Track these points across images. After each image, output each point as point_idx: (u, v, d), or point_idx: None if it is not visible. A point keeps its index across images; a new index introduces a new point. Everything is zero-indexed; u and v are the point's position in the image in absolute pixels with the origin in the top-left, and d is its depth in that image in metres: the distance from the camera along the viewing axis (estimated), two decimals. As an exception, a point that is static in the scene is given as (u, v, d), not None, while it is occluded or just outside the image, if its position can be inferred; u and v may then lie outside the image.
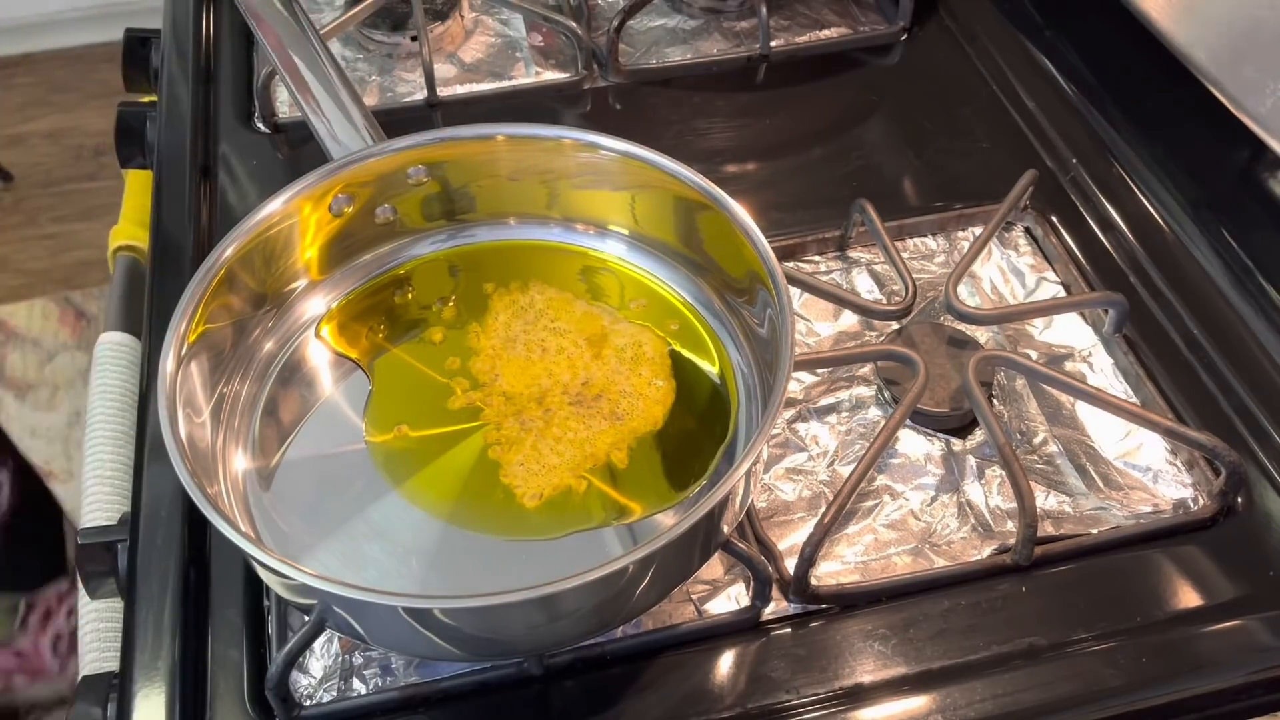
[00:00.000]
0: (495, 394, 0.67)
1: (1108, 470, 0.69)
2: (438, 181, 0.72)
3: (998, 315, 0.75)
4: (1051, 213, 0.83)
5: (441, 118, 0.91)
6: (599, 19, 0.99)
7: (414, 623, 0.54)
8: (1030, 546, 0.64)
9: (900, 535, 0.66)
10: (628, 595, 0.55)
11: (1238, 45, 0.76)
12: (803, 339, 0.76)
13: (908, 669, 0.61)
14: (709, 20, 1.00)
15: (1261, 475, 0.69)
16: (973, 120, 0.92)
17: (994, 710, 0.59)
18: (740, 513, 0.59)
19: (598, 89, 0.95)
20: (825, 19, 1.01)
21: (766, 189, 0.87)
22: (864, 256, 0.81)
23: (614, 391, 0.67)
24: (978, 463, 0.69)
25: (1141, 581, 0.64)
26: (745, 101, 0.94)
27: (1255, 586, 0.64)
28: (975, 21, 1.00)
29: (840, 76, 0.97)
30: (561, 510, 0.62)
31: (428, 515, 0.62)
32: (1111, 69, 0.92)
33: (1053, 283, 0.80)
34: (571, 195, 0.73)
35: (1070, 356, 0.75)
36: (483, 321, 0.70)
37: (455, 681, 0.60)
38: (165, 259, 0.81)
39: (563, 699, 0.60)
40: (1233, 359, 0.74)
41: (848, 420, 0.72)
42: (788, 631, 0.62)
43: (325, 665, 0.61)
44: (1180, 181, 0.84)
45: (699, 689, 0.60)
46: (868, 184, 0.85)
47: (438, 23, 0.97)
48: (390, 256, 0.73)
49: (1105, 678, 0.60)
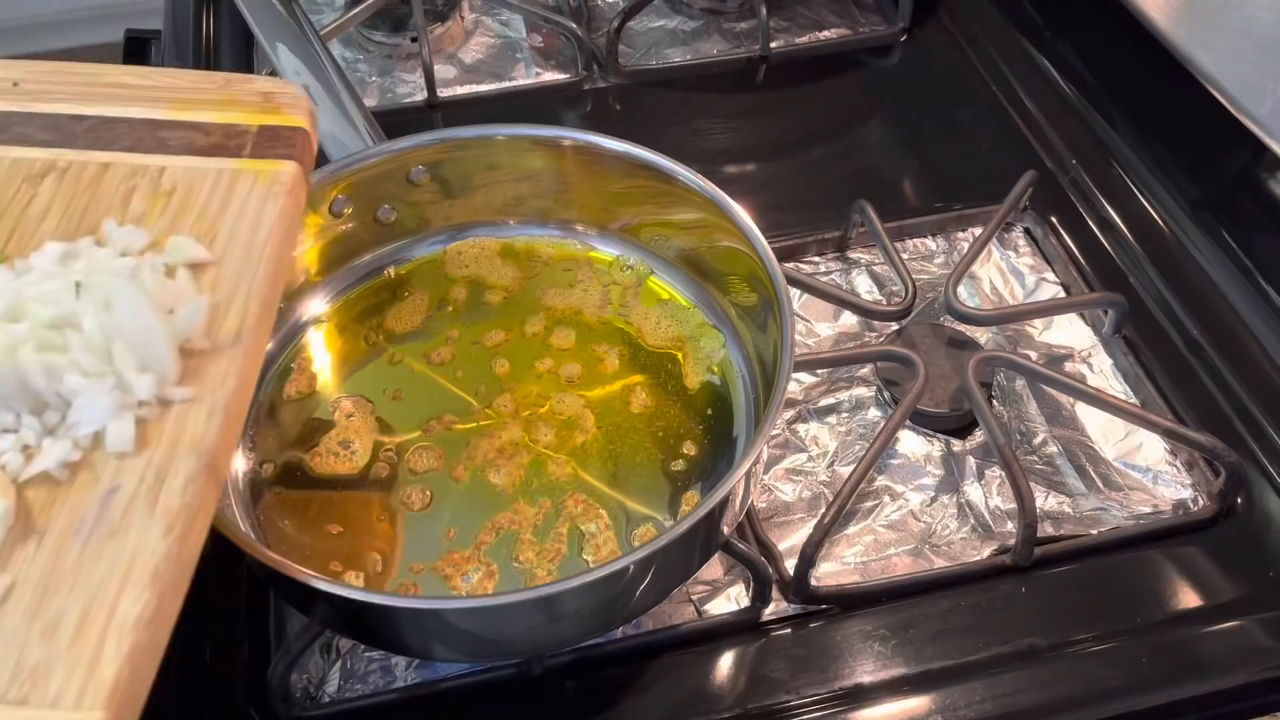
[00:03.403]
0: (495, 394, 0.67)
1: (1107, 471, 0.69)
2: (438, 182, 0.71)
3: (997, 316, 0.75)
4: (1051, 213, 0.83)
5: (441, 118, 0.91)
6: (599, 20, 0.99)
7: (414, 624, 0.54)
8: (1030, 547, 0.64)
9: (900, 536, 0.66)
10: (628, 596, 0.55)
11: (1237, 46, 0.76)
12: (803, 339, 0.76)
13: (907, 669, 0.61)
14: (709, 21, 1.00)
15: (1261, 476, 0.69)
16: (972, 121, 0.92)
17: (994, 711, 0.59)
18: (740, 513, 0.59)
19: (598, 90, 0.95)
20: (825, 20, 1.01)
21: (766, 189, 0.87)
22: (864, 257, 0.81)
23: (608, 393, 0.67)
24: (977, 463, 0.69)
25: (1141, 582, 0.64)
26: (745, 102, 0.95)
27: (1255, 587, 0.64)
28: (975, 22, 1.00)
29: (840, 77, 0.97)
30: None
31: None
32: (1111, 69, 0.93)
33: (1052, 283, 0.80)
34: (571, 196, 0.73)
35: (1070, 357, 0.75)
36: (483, 323, 0.70)
37: (455, 682, 0.60)
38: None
39: (563, 700, 0.60)
40: (1233, 359, 0.74)
41: (848, 421, 0.72)
42: (788, 632, 0.62)
43: (325, 666, 0.61)
44: (1180, 181, 0.84)
45: (699, 690, 0.60)
46: (867, 185, 0.85)
47: (438, 24, 0.97)
48: (390, 257, 0.73)
49: (1105, 678, 0.60)
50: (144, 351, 0.46)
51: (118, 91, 0.57)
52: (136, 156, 0.55)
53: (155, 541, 0.42)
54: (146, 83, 0.58)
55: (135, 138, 0.56)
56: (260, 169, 0.55)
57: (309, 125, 0.57)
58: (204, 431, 0.45)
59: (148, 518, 0.43)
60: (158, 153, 0.55)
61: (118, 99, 0.57)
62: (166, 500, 0.43)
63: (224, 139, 0.56)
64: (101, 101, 0.57)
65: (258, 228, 0.52)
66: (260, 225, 0.53)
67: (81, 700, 0.39)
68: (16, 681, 0.39)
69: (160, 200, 0.53)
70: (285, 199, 0.54)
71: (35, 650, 0.40)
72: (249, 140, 0.55)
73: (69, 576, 0.42)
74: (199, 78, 0.59)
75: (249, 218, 0.53)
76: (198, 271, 0.50)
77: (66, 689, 0.39)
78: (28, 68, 0.59)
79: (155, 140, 0.56)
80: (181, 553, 0.43)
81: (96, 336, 0.46)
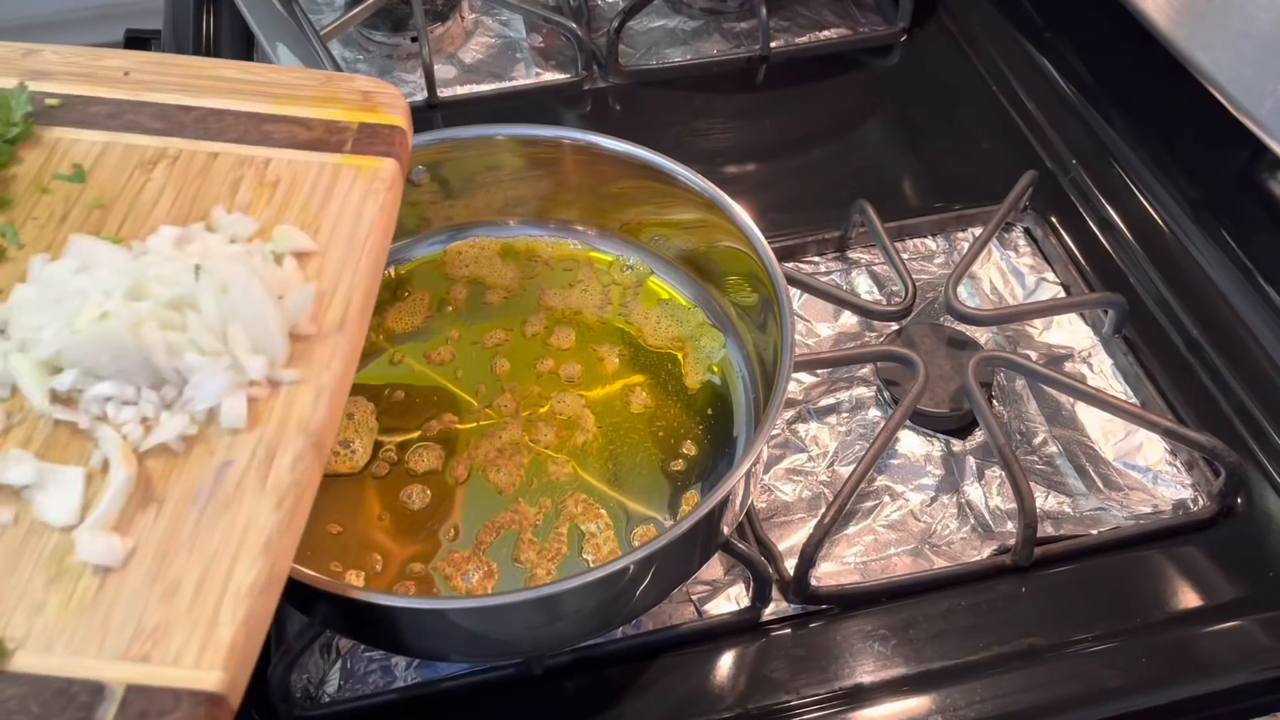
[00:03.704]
0: (495, 394, 0.67)
1: (1107, 471, 0.69)
2: (438, 182, 0.72)
3: (997, 316, 0.75)
4: (1051, 213, 0.83)
5: (442, 118, 0.91)
6: (599, 20, 0.99)
7: (414, 624, 0.54)
8: (1030, 547, 0.64)
9: (900, 536, 0.66)
10: (628, 596, 0.55)
11: (1237, 46, 0.76)
12: (803, 339, 0.76)
13: (907, 669, 0.61)
14: (709, 21, 1.00)
15: (1261, 476, 0.69)
16: (972, 121, 0.92)
17: (994, 711, 0.59)
18: (740, 513, 0.59)
19: (598, 90, 0.95)
20: (825, 20, 1.01)
21: (766, 189, 0.87)
22: (864, 257, 0.81)
23: (608, 393, 0.67)
24: (977, 463, 0.69)
25: (1141, 582, 0.64)
26: (745, 102, 0.95)
27: (1255, 587, 0.64)
28: (975, 22, 1.00)
29: (840, 77, 0.97)
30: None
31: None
32: (1111, 69, 0.93)
33: (1052, 283, 0.80)
34: (571, 196, 0.73)
35: (1070, 357, 0.75)
36: (483, 323, 0.70)
37: (455, 682, 0.60)
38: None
39: (563, 700, 0.60)
40: (1233, 359, 0.74)
41: (848, 421, 0.72)
42: (788, 632, 0.62)
43: (325, 666, 0.61)
44: (1180, 181, 0.84)
45: (699, 690, 0.60)
46: (867, 185, 0.86)
47: (438, 24, 0.97)
48: (390, 257, 0.73)
49: (1105, 678, 0.60)
50: (257, 334, 0.48)
51: (222, 84, 0.60)
52: (243, 148, 0.57)
53: (267, 514, 0.45)
54: (249, 77, 0.60)
55: (241, 129, 0.58)
56: (361, 164, 0.57)
57: (406, 125, 0.59)
58: (311, 413, 0.48)
59: (259, 491, 0.45)
60: (263, 145, 0.57)
61: (222, 92, 0.59)
62: (276, 476, 0.46)
63: (325, 134, 0.58)
64: (207, 94, 0.59)
65: (359, 221, 0.55)
66: (362, 219, 0.55)
67: (200, 660, 0.41)
68: (138, 640, 0.42)
69: (266, 190, 0.56)
70: (385, 194, 0.56)
71: (156, 612, 0.42)
72: (349, 137, 0.58)
73: (186, 543, 0.44)
74: (300, 74, 0.62)
75: (350, 211, 0.55)
76: (302, 260, 0.53)
77: (186, 649, 0.42)
78: (136, 58, 0.61)
79: (260, 133, 0.58)
80: (291, 526, 0.45)
81: (214, 317, 0.48)
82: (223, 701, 0.41)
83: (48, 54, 0.61)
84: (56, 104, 0.58)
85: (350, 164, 0.57)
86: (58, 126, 0.58)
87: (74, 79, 0.60)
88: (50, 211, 0.55)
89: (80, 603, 0.43)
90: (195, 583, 0.43)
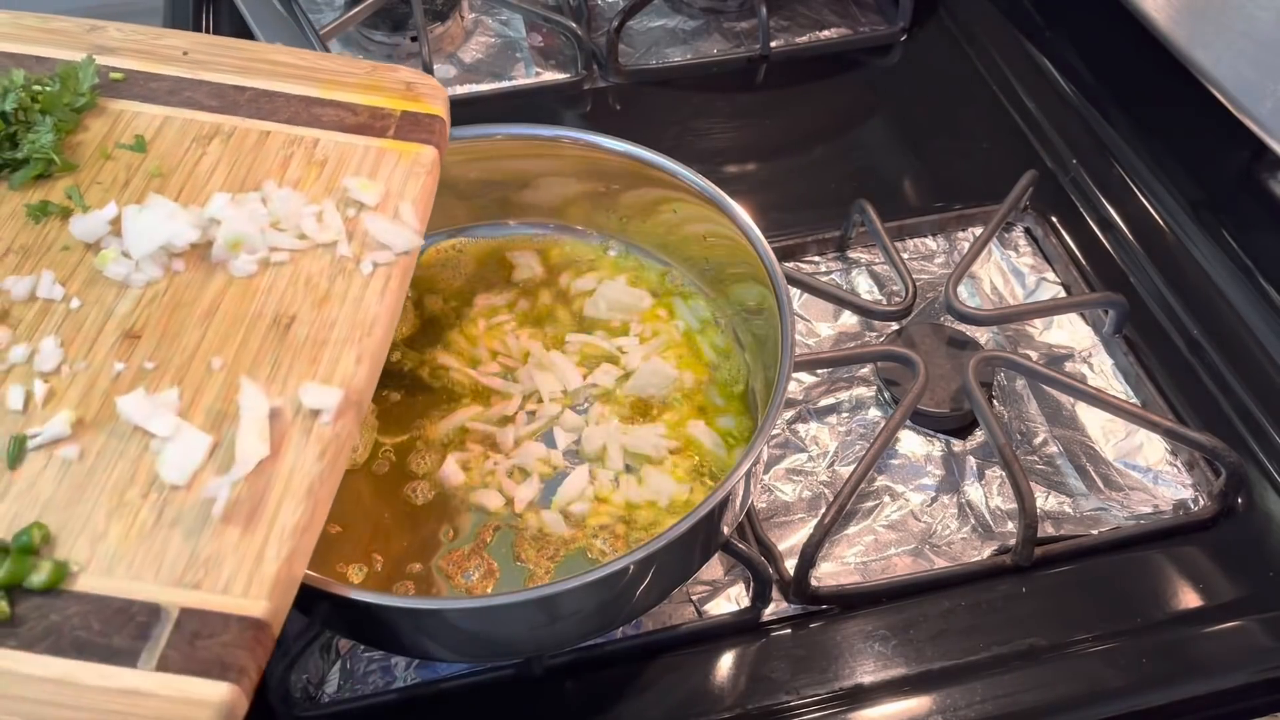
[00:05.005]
0: (495, 394, 0.67)
1: (1108, 471, 0.69)
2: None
3: (998, 316, 0.75)
4: (1051, 213, 0.83)
5: (441, 118, 0.91)
6: (599, 19, 0.99)
7: (414, 624, 0.54)
8: (1030, 547, 0.64)
9: (900, 536, 0.66)
10: (628, 596, 0.55)
11: (1237, 46, 0.76)
12: (803, 339, 0.76)
13: (908, 670, 0.61)
14: (709, 20, 1.00)
15: (1261, 476, 0.69)
16: (973, 120, 0.92)
17: (994, 711, 0.59)
18: (740, 513, 0.59)
19: (598, 89, 0.95)
20: (825, 19, 1.01)
21: (766, 189, 0.87)
22: (864, 257, 0.81)
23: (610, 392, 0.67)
24: (978, 463, 0.69)
25: (1142, 582, 0.64)
26: (745, 102, 0.94)
27: (1255, 587, 0.64)
28: (975, 22, 1.00)
29: (840, 77, 0.97)
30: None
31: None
32: (1111, 69, 0.93)
33: (1053, 283, 0.80)
34: (571, 195, 0.73)
35: (1070, 357, 0.75)
36: (483, 323, 0.70)
37: (455, 682, 0.60)
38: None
39: (563, 700, 0.60)
40: (1233, 359, 0.74)
41: (848, 421, 0.72)
42: (788, 632, 0.62)
43: (325, 666, 0.61)
44: (1180, 181, 0.84)
45: (699, 690, 0.60)
46: (868, 184, 0.85)
47: (438, 23, 0.97)
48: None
49: (1105, 678, 0.60)
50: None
51: (274, 68, 0.64)
52: (293, 128, 0.61)
53: (311, 463, 0.49)
54: (300, 62, 0.64)
55: (292, 111, 0.62)
56: (403, 149, 0.61)
57: (445, 115, 0.63)
58: (353, 373, 0.52)
59: (304, 441, 0.50)
60: (312, 126, 0.61)
61: (275, 75, 0.63)
62: (319, 429, 0.50)
63: (370, 120, 0.62)
64: (261, 76, 0.63)
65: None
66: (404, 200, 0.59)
67: (249, 590, 0.45)
68: (192, 569, 0.46)
69: (314, 169, 0.60)
70: (426, 178, 0.60)
71: (208, 544, 0.46)
72: (393, 123, 0.62)
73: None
74: (347, 62, 0.65)
75: (394, 192, 0.59)
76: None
77: (235, 579, 0.46)
78: (193, 39, 0.65)
79: (309, 115, 0.62)
80: (331, 474, 0.49)
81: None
82: (267, 628, 0.45)
83: (111, 30, 0.65)
84: (120, 78, 0.62)
85: (393, 148, 0.61)
86: (121, 99, 0.62)
87: (136, 55, 0.64)
88: (114, 177, 0.59)
89: (139, 533, 0.47)
90: (244, 520, 0.47)
